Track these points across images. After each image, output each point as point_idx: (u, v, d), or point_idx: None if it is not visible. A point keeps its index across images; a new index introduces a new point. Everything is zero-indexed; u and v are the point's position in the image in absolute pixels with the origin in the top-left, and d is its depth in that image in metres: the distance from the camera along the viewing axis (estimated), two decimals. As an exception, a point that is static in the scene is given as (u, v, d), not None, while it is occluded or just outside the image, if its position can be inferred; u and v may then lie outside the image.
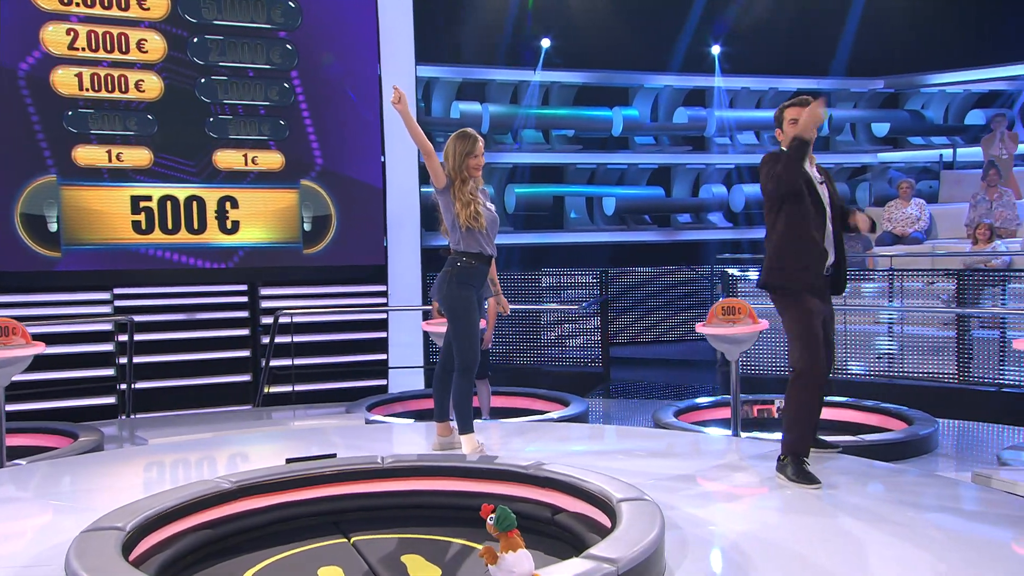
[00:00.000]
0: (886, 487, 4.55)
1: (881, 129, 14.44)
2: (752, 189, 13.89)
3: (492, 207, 5.13)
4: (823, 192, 4.67)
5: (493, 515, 2.98)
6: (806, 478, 4.45)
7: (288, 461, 4.29)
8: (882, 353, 8.49)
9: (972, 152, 12.81)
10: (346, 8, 8.92)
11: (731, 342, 5.76)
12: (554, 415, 6.95)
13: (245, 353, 8.68)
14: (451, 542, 3.94)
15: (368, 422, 6.90)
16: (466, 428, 5.00)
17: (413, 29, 9.42)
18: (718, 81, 13.77)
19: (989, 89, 13.95)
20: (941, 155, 13.38)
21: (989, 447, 6.50)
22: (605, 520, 3.71)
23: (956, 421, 7.08)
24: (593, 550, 3.13)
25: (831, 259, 4.68)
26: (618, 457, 5.08)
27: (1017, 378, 7.61)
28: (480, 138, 5.02)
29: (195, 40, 8.39)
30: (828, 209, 4.66)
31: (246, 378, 8.65)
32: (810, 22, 13.46)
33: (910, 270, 8.75)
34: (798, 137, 4.44)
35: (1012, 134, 11.77)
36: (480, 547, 3.06)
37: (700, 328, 5.83)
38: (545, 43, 13.06)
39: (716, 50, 13.71)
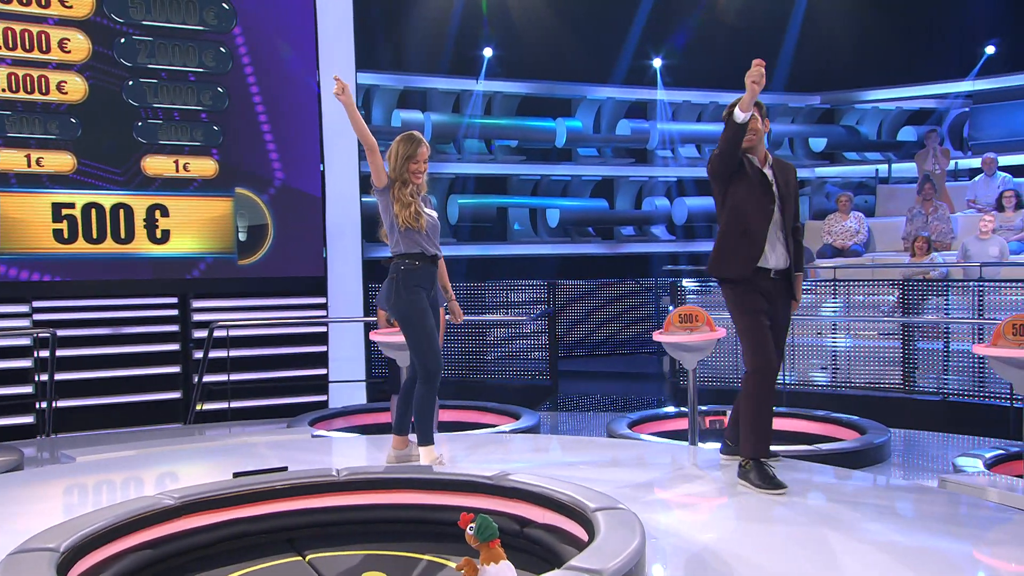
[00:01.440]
0: (853, 494, 4.49)
1: (818, 144, 14.72)
2: (695, 202, 13.95)
3: (434, 214, 4.95)
4: (776, 192, 4.48)
5: (473, 524, 2.75)
6: (771, 483, 4.30)
7: (236, 475, 3.99)
8: (827, 364, 8.50)
9: (906, 167, 13.14)
10: (284, 12, 8.64)
11: (689, 350, 5.62)
12: (505, 428, 6.74)
13: (175, 369, 8.28)
14: (414, 557, 3.71)
15: (313, 437, 6.56)
16: (426, 439, 4.74)
17: (353, 35, 9.19)
18: (660, 94, 13.86)
19: (920, 107, 14.42)
20: (877, 170, 13.70)
21: (940, 455, 6.53)
22: (579, 531, 3.54)
23: (903, 430, 7.09)
24: (574, 561, 2.96)
25: (780, 263, 4.50)
26: (580, 468, 4.91)
27: (961, 387, 7.67)
28: (425, 144, 4.82)
29: (122, 41, 7.99)
30: (776, 204, 4.46)
31: (176, 395, 8.25)
32: (750, 38, 13.64)
33: (853, 281, 8.80)
34: (731, 117, 4.26)
35: (944, 150, 12.10)
36: (452, 563, 2.83)
37: (657, 336, 5.68)
38: (487, 52, 12.94)
39: (658, 63, 13.80)
